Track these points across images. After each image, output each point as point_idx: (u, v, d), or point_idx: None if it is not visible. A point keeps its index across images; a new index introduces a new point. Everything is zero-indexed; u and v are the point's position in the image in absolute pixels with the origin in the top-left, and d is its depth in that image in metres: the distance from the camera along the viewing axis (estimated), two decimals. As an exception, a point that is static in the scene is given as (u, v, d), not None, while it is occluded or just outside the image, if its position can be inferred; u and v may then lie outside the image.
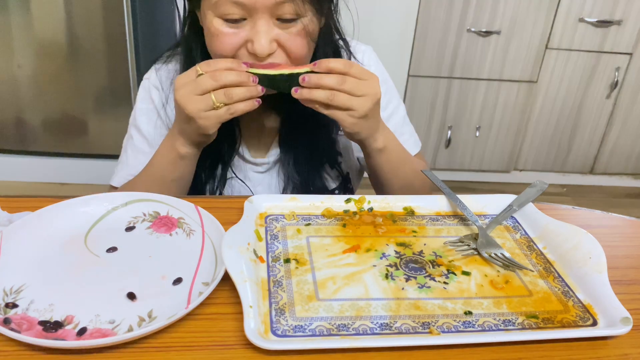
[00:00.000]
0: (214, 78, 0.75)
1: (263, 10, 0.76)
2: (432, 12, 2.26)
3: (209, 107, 0.76)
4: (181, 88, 0.77)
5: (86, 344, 0.51)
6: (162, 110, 0.95)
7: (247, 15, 0.77)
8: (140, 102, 0.97)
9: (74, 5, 2.07)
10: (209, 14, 0.79)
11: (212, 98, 0.75)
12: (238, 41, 0.79)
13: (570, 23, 2.30)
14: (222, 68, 0.76)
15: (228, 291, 0.60)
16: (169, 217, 0.72)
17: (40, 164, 2.39)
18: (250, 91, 0.76)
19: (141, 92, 0.97)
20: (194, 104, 0.76)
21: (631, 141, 2.59)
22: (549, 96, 2.46)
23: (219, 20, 0.78)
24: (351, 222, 0.74)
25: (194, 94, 0.76)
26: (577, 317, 0.59)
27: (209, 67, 0.76)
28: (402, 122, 1.02)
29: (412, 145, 1.03)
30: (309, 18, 0.79)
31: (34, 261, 0.63)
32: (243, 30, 0.78)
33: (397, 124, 1.00)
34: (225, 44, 0.79)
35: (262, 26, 0.77)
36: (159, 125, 0.95)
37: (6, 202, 0.75)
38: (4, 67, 2.17)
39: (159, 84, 0.95)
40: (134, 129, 0.97)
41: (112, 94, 2.24)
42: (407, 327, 0.57)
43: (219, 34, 0.79)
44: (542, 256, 0.70)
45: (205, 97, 0.76)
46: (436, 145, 2.55)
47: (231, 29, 0.78)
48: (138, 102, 0.98)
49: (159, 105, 0.95)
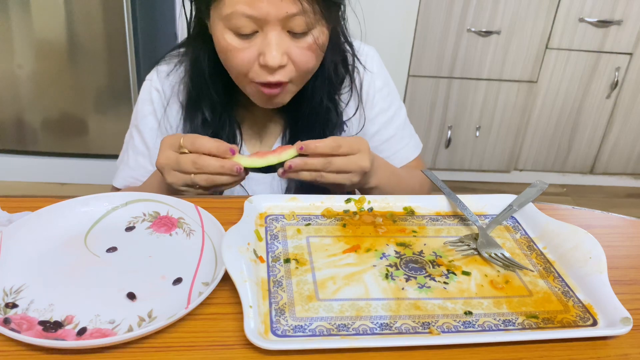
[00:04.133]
0: (196, 165, 0.74)
1: (274, 23, 0.76)
2: (432, 12, 2.26)
3: (187, 183, 0.76)
4: (163, 156, 0.77)
5: (86, 344, 0.51)
6: (162, 113, 0.95)
7: (258, 28, 0.77)
8: (141, 102, 0.97)
9: (74, 5, 2.07)
10: (219, 25, 0.79)
11: (192, 178, 0.75)
12: (250, 56, 0.79)
13: (570, 23, 2.30)
14: (206, 151, 0.75)
15: (228, 291, 0.60)
16: (169, 217, 0.72)
17: (40, 164, 2.39)
18: (233, 178, 0.76)
19: (142, 93, 0.97)
20: (173, 176, 0.77)
21: (631, 141, 2.59)
22: (549, 96, 2.46)
23: (231, 34, 0.78)
24: (351, 222, 0.74)
25: (173, 169, 0.76)
26: (577, 317, 0.59)
27: (193, 146, 0.75)
28: (403, 126, 1.02)
29: (412, 148, 1.03)
30: (319, 30, 0.79)
31: (34, 261, 0.63)
32: (254, 44, 0.78)
33: (397, 127, 1.01)
34: (238, 59, 0.79)
35: (273, 38, 0.76)
36: (158, 129, 0.95)
37: (6, 202, 0.75)
38: (4, 67, 2.17)
39: (160, 87, 0.95)
40: (135, 129, 0.97)
41: (112, 94, 2.24)
42: (407, 327, 0.57)
43: (232, 49, 0.79)
44: (542, 256, 0.70)
45: (185, 176, 0.75)
46: (436, 145, 2.55)
47: (243, 43, 0.78)
48: (139, 103, 0.97)
49: (159, 107, 0.95)
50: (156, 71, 0.97)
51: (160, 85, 0.95)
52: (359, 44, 0.98)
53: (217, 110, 0.91)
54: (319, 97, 0.91)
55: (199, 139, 0.75)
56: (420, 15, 2.26)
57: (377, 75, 0.98)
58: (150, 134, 0.95)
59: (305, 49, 0.79)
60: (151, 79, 0.97)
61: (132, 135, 0.98)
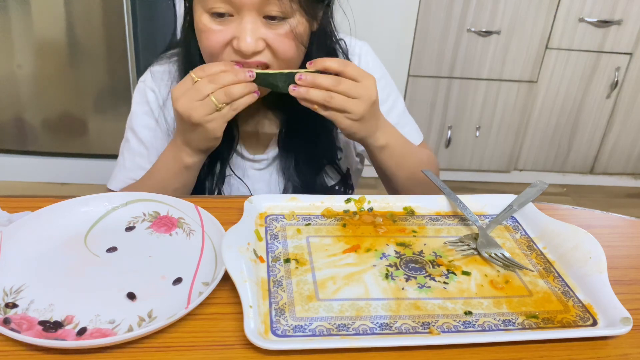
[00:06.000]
0: (213, 81, 0.76)
1: (249, 7, 0.76)
2: (432, 12, 2.26)
3: (212, 109, 0.77)
4: (181, 97, 0.78)
5: (86, 344, 0.51)
6: (159, 112, 0.95)
7: (234, 12, 0.78)
8: (136, 105, 0.97)
9: (74, 5, 2.07)
10: (198, 9, 0.80)
11: (213, 100, 0.76)
12: (224, 38, 0.79)
13: (570, 23, 2.30)
14: (217, 71, 0.77)
15: (228, 291, 0.60)
16: (169, 217, 0.72)
17: (40, 164, 2.39)
18: (248, 86, 0.77)
19: (137, 95, 0.97)
20: (197, 110, 0.77)
21: (631, 141, 2.59)
22: (549, 96, 2.46)
23: (207, 16, 0.79)
24: (351, 222, 0.74)
25: (194, 101, 0.76)
26: (577, 317, 0.59)
27: (204, 72, 0.77)
28: (402, 115, 1.02)
29: (415, 134, 1.02)
30: (297, 19, 0.79)
31: (34, 261, 0.63)
32: (230, 27, 0.78)
33: (399, 115, 1.00)
34: (212, 40, 0.79)
35: (248, 23, 0.77)
36: (155, 128, 0.95)
37: (6, 202, 0.75)
38: (4, 67, 2.17)
39: (154, 87, 0.95)
40: (131, 132, 0.97)
41: (112, 94, 2.24)
42: (407, 327, 0.57)
43: (206, 30, 0.79)
44: (542, 256, 0.70)
45: (206, 101, 0.76)
46: (436, 145, 2.54)
47: (218, 26, 0.79)
48: (134, 105, 0.97)
49: (156, 107, 0.95)
50: (150, 72, 0.97)
51: (155, 86, 0.95)
52: (349, 39, 0.97)
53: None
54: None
55: (207, 65, 0.79)
56: (420, 15, 2.26)
57: (373, 69, 0.98)
58: (148, 134, 0.95)
59: (282, 36, 0.79)
60: (145, 81, 0.97)
61: (128, 138, 0.97)
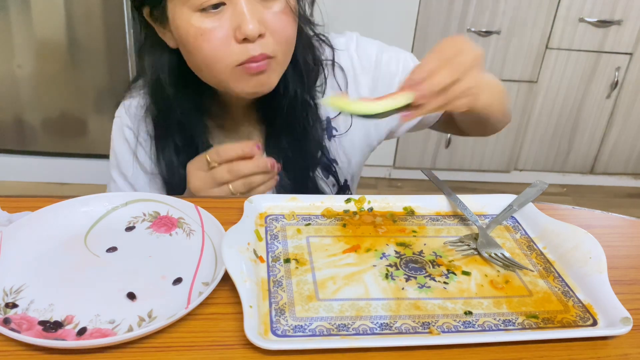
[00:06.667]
0: (231, 173, 0.73)
1: None
2: (432, 12, 2.26)
3: (228, 193, 0.76)
4: (196, 181, 0.76)
5: (86, 344, 0.51)
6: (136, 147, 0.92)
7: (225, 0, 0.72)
8: (115, 142, 0.94)
9: (74, 5, 2.07)
10: (183, 13, 0.73)
11: (231, 189, 0.74)
12: (224, 34, 0.73)
13: (570, 23, 2.30)
14: (234, 157, 0.73)
15: (228, 291, 0.60)
16: (169, 217, 0.72)
17: (40, 164, 2.39)
18: (270, 175, 0.74)
19: (115, 132, 0.94)
20: (212, 192, 0.76)
21: (631, 141, 2.59)
22: (549, 96, 2.46)
23: (197, 15, 0.72)
24: (351, 222, 0.74)
25: (210, 187, 0.75)
26: (577, 317, 0.59)
27: (220, 157, 0.74)
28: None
29: None
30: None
31: (34, 261, 0.63)
32: (225, 20, 0.73)
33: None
34: (213, 40, 0.73)
35: (245, 6, 0.72)
36: (136, 167, 0.93)
37: (6, 202, 0.74)
38: (4, 67, 2.17)
39: (129, 123, 0.92)
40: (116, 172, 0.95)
41: (112, 94, 2.24)
42: (407, 327, 0.57)
43: (202, 32, 0.73)
44: (542, 256, 0.70)
45: (223, 188, 0.74)
46: (436, 145, 2.55)
47: (213, 22, 0.73)
48: (114, 143, 0.94)
49: (133, 145, 0.92)
50: (123, 106, 0.92)
51: (129, 121, 0.92)
52: (334, 35, 0.92)
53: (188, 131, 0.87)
54: (293, 90, 0.85)
55: (222, 149, 0.75)
56: (420, 15, 2.26)
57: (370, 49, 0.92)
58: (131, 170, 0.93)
59: (279, 13, 0.74)
60: (120, 116, 0.93)
61: (114, 178, 0.95)
